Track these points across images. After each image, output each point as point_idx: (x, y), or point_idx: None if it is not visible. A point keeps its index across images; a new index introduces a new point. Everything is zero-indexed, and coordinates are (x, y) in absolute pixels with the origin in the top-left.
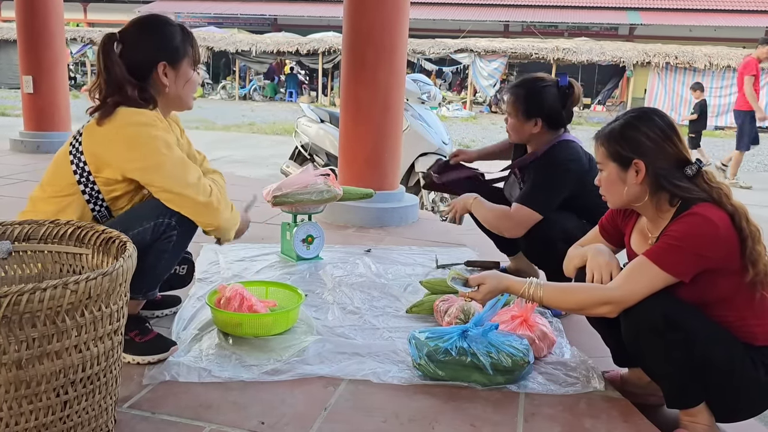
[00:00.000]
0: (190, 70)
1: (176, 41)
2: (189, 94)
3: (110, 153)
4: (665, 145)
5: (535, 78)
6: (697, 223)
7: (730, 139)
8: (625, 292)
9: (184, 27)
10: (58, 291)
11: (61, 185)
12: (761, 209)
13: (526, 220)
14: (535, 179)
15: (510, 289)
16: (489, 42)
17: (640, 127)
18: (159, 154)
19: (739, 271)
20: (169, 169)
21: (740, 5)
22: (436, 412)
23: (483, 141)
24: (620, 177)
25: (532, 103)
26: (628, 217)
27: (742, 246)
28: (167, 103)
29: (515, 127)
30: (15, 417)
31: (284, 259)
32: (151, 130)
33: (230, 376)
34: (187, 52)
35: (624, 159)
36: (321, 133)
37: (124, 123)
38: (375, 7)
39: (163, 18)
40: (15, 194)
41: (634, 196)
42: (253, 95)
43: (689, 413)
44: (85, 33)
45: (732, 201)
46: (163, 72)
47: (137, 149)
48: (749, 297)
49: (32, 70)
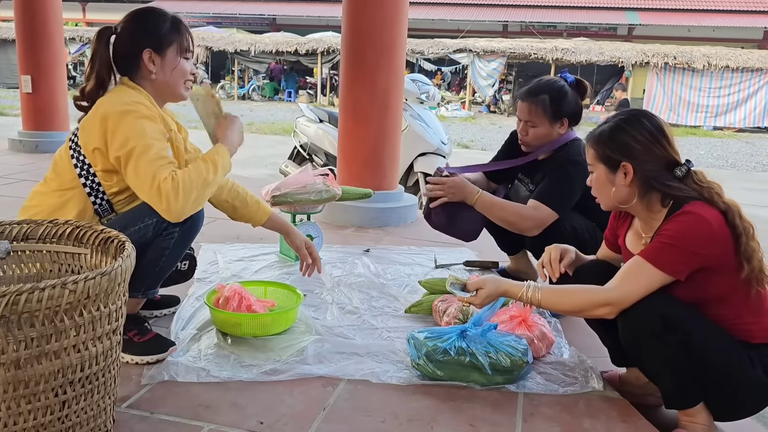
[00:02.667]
0: (177, 57)
1: (162, 29)
2: (177, 82)
3: (94, 137)
4: (653, 148)
5: (549, 81)
6: (691, 221)
7: (729, 140)
8: (623, 292)
9: (176, 17)
10: (57, 291)
11: (63, 179)
12: (761, 209)
13: (548, 219)
14: (554, 177)
15: (508, 293)
16: (488, 42)
17: (628, 130)
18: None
19: (734, 269)
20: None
21: (739, 6)
22: (434, 412)
23: (482, 141)
24: (609, 179)
25: (559, 105)
26: (623, 221)
27: (737, 243)
28: (158, 93)
29: (542, 133)
30: (13, 417)
31: (283, 259)
32: (126, 108)
33: (229, 376)
34: (174, 40)
35: (612, 161)
36: (320, 133)
37: (102, 104)
38: (374, 7)
39: (154, 9)
40: (13, 194)
41: (623, 198)
42: (252, 95)
43: (688, 413)
44: (84, 33)
45: (724, 198)
46: (149, 59)
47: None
48: (745, 294)
49: (31, 69)
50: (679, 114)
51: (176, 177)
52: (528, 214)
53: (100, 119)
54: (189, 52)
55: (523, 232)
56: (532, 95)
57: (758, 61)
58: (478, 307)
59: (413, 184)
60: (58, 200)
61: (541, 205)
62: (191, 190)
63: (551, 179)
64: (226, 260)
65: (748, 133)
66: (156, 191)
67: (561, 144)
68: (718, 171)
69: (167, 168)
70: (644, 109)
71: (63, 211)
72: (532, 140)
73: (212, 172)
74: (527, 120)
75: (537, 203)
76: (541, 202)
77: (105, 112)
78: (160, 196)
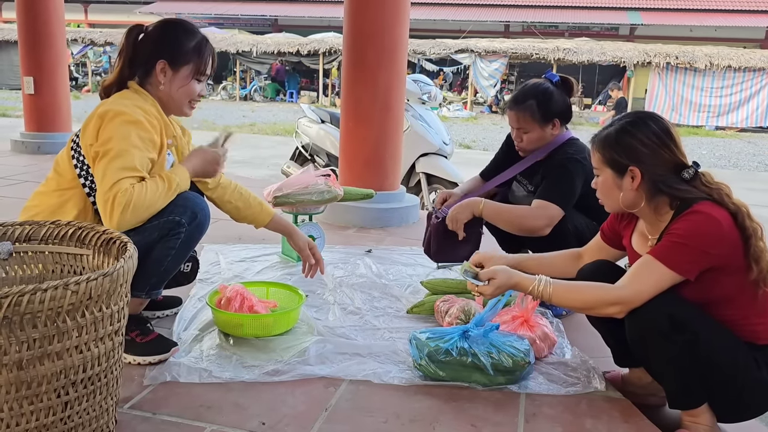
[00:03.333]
0: (190, 77)
1: (185, 46)
2: (182, 100)
3: (91, 135)
4: (661, 151)
5: (534, 85)
6: (701, 220)
7: (730, 139)
8: (633, 291)
9: (205, 38)
10: (59, 292)
11: (63, 179)
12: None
13: (557, 216)
14: (554, 176)
15: (519, 285)
16: (489, 42)
17: (635, 133)
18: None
19: (742, 269)
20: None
21: (740, 5)
22: (436, 412)
23: (483, 141)
24: (616, 183)
25: (547, 107)
26: (628, 221)
27: (746, 244)
28: (162, 103)
29: (535, 137)
30: (16, 418)
31: (285, 260)
32: (122, 109)
33: (231, 376)
34: (192, 60)
35: (620, 165)
36: (322, 134)
37: (104, 104)
38: (376, 7)
39: (185, 23)
40: (16, 195)
41: (631, 202)
42: (253, 96)
43: (691, 414)
44: (86, 34)
45: (733, 200)
46: (161, 69)
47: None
48: (752, 295)
49: (33, 71)
50: (681, 114)
51: (133, 193)
52: (538, 214)
53: (98, 117)
54: (204, 75)
55: (535, 233)
56: (518, 103)
57: (760, 61)
58: (487, 297)
59: (415, 185)
60: (57, 200)
61: (548, 204)
62: (139, 209)
63: (552, 178)
64: (228, 261)
65: (751, 132)
66: (111, 198)
67: (557, 145)
68: (721, 171)
69: (129, 180)
70: (650, 111)
71: (62, 210)
72: (527, 145)
73: (163, 195)
74: (518, 127)
75: (543, 202)
76: (548, 201)
77: (103, 111)
78: (112, 205)
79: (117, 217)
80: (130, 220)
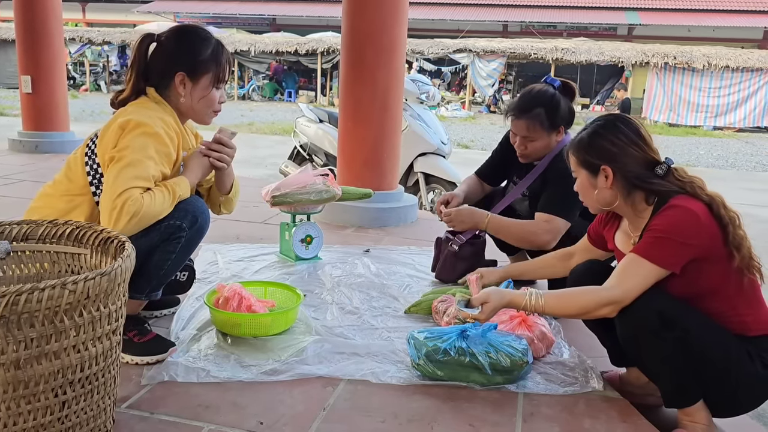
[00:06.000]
0: (210, 86)
1: (202, 55)
2: (204, 110)
3: (111, 146)
4: (631, 149)
5: (540, 92)
6: (678, 213)
7: (729, 139)
8: (622, 290)
9: (220, 43)
10: (57, 291)
11: (73, 185)
12: (761, 209)
13: (562, 229)
14: (559, 188)
15: (512, 304)
16: (488, 42)
17: (605, 135)
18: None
19: (724, 258)
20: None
21: (738, 5)
22: (434, 412)
23: (482, 140)
24: (591, 183)
25: (555, 115)
26: (611, 224)
27: (724, 232)
28: (183, 114)
29: (541, 146)
30: (13, 417)
31: (283, 259)
32: (143, 120)
33: (229, 376)
34: (210, 69)
35: (593, 166)
36: (320, 133)
37: (123, 114)
38: (374, 7)
39: (199, 30)
40: (13, 194)
41: (606, 200)
42: (252, 95)
43: (687, 412)
44: (84, 33)
45: (707, 191)
46: (180, 82)
47: (125, 130)
48: (737, 284)
49: (31, 69)
50: (679, 114)
51: (142, 203)
52: (544, 228)
53: (118, 126)
54: (223, 81)
55: (541, 248)
56: (526, 111)
57: (758, 61)
58: (483, 321)
59: (413, 184)
60: (66, 205)
61: (553, 217)
62: (145, 218)
63: (556, 190)
64: (225, 260)
65: (748, 132)
66: (120, 205)
67: (558, 151)
68: (719, 171)
69: (139, 190)
70: (621, 114)
71: (70, 216)
72: (531, 153)
73: (168, 206)
74: (525, 136)
75: (548, 216)
76: (553, 214)
77: (124, 120)
78: (120, 212)
79: (123, 224)
80: (133, 229)
